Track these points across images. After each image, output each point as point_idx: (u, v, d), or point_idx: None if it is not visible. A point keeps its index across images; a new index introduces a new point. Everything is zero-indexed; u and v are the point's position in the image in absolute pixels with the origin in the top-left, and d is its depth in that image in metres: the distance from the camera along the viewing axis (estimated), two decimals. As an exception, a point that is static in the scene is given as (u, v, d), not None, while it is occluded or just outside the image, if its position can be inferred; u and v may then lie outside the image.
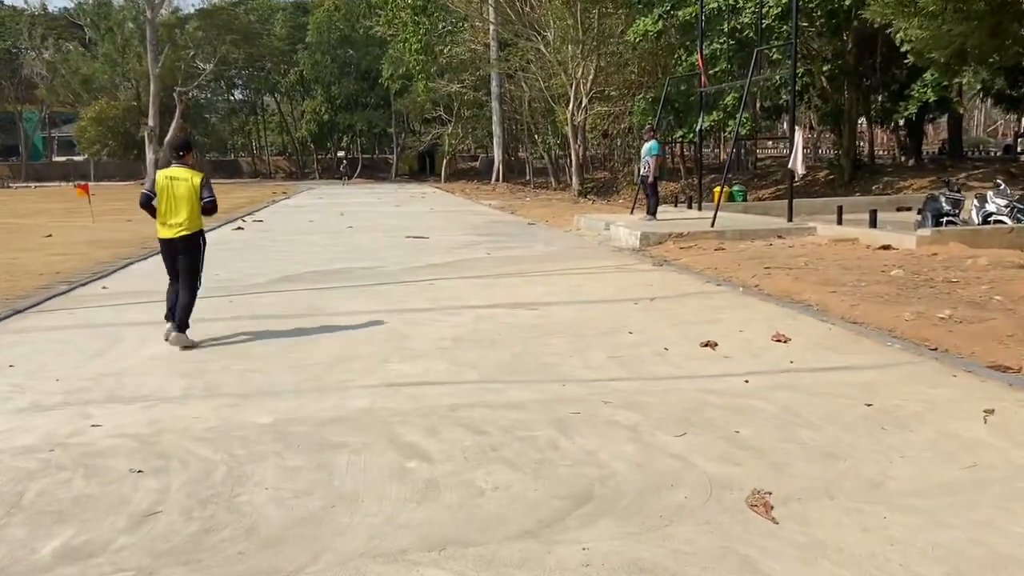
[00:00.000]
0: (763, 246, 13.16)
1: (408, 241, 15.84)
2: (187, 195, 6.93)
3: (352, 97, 68.59)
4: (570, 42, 32.42)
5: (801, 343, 6.60)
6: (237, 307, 8.76)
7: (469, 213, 24.78)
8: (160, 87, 62.42)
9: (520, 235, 16.94)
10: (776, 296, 8.84)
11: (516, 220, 21.55)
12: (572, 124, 34.34)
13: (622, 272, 11.08)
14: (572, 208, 26.01)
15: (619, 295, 9.11)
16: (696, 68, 20.56)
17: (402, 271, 11.49)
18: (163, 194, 6.96)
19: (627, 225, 15.08)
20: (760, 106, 37.39)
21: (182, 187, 6.93)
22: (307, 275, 11.29)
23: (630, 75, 38.05)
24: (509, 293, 9.38)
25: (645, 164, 16.41)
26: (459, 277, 10.76)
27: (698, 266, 11.31)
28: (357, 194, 40.03)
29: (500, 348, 6.57)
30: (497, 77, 45.70)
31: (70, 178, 71.89)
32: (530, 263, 12.16)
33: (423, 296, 9.22)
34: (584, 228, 17.55)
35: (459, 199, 34.58)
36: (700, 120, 18.70)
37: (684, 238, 13.89)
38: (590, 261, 12.34)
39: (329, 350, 6.61)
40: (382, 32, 51.75)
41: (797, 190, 34.43)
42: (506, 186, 45.77)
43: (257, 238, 17.11)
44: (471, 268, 11.67)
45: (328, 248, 14.82)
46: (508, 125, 58.33)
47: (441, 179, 58.93)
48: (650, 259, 12.37)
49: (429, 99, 53.41)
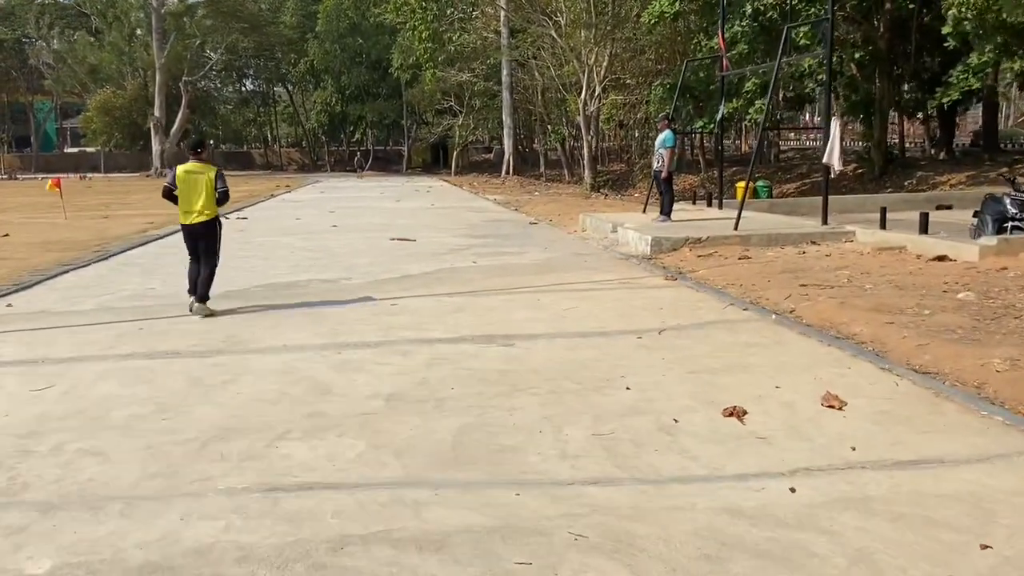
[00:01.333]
0: (795, 255, 11.29)
1: (391, 245, 14.10)
2: (203, 187, 7.93)
3: (363, 88, 66.90)
4: (582, 26, 30.49)
5: (861, 410, 4.78)
6: (141, 338, 7.04)
7: (470, 210, 23.01)
8: (167, 77, 61.03)
9: (517, 237, 15.15)
10: (818, 327, 7.00)
11: (518, 218, 19.75)
12: (584, 114, 32.43)
13: (627, 289, 9.27)
14: (582, 204, 24.17)
15: (620, 323, 7.32)
16: (717, 50, 18.64)
17: (367, 285, 9.74)
18: (182, 187, 7.96)
19: (637, 227, 13.26)
20: (783, 95, 35.22)
21: (199, 180, 7.94)
22: (255, 291, 9.58)
23: (646, 62, 36.08)
24: (484, 319, 7.61)
25: (659, 158, 14.55)
26: (431, 295, 8.99)
27: (719, 281, 9.48)
28: (361, 188, 38.38)
29: (446, 415, 4.79)
30: (508, 65, 43.84)
31: (80, 169, 70.86)
32: (519, 275, 10.38)
33: (377, 324, 7.46)
34: (589, 229, 15.74)
35: (464, 193, 32.82)
36: (721, 107, 16.78)
37: (703, 244, 12.05)
38: (590, 273, 10.53)
39: (214, 416, 4.86)
40: (391, 20, 49.99)
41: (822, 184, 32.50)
42: (517, 179, 43.95)
43: (227, 240, 15.38)
44: (449, 281, 9.91)
45: (298, 253, 13.10)
46: (520, 116, 56.45)
47: (452, 172, 57.15)
48: (662, 270, 10.54)
49: (439, 89, 51.62)
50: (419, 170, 67.57)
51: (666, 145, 14.34)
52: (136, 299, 9.12)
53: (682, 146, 31.33)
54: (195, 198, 7.95)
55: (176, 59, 62.75)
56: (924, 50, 30.39)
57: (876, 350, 6.19)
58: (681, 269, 10.56)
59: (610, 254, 12.45)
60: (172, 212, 9.20)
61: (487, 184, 41.50)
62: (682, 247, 12.02)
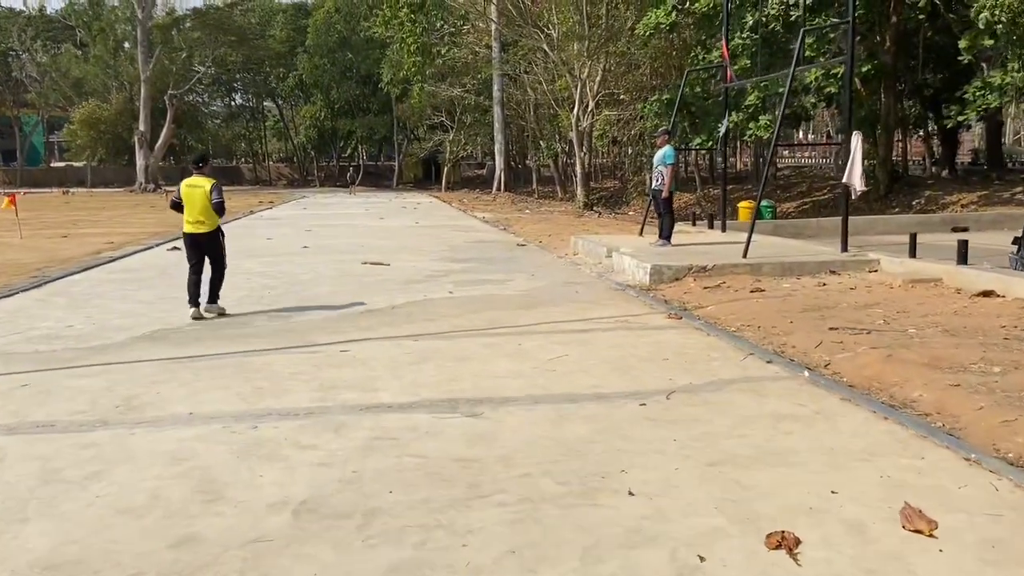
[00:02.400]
0: (815, 287, 9.92)
1: (362, 270, 12.69)
2: (202, 199, 8.55)
3: (352, 102, 65.76)
4: (575, 39, 29.28)
5: (961, 537, 3.37)
6: (17, 400, 5.59)
7: (456, 229, 21.63)
8: (152, 90, 59.68)
9: (503, 261, 13.75)
10: (865, 389, 5.62)
11: (505, 240, 18.36)
12: (577, 129, 31.19)
13: (625, 330, 7.87)
14: (574, 223, 22.84)
15: (618, 381, 5.91)
16: (721, 60, 17.37)
17: (320, 323, 8.33)
18: (185, 199, 8.61)
19: (634, 253, 11.88)
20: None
21: (198, 193, 8.55)
22: (188, 330, 8.15)
23: (641, 77, 34.90)
24: (451, 373, 6.19)
25: (658, 175, 13.20)
26: (393, 337, 7.58)
27: (732, 321, 8.09)
28: (346, 204, 37.01)
29: (373, 544, 3.35)
30: (499, 80, 42.66)
31: (67, 184, 69.35)
32: (501, 309, 8.98)
33: (315, 380, 6.03)
34: (582, 253, 14.36)
35: (452, 211, 31.46)
36: (725, 121, 15.46)
37: (709, 273, 10.68)
38: (583, 308, 9.13)
39: (40, 545, 3.38)
40: (379, 33, 48.87)
41: (825, 204, 31.23)
42: (508, 196, 42.67)
43: (181, 263, 13.99)
44: (418, 318, 8.50)
45: (254, 280, 11.68)
46: (513, 131, 55.28)
47: (443, 188, 55.85)
48: (664, 305, 9.15)
49: (429, 104, 50.44)
50: (411, 186, 66.25)
51: (666, 162, 13.00)
52: (45, 341, 7.68)
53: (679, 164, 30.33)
54: (195, 210, 8.61)
55: (162, 72, 61.46)
56: (926, 66, 29.31)
57: (948, 427, 4.80)
58: (686, 304, 9.17)
59: (604, 283, 11.06)
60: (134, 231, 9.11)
61: (477, 201, 40.18)
62: (686, 277, 10.65)
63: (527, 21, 31.81)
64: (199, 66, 64.52)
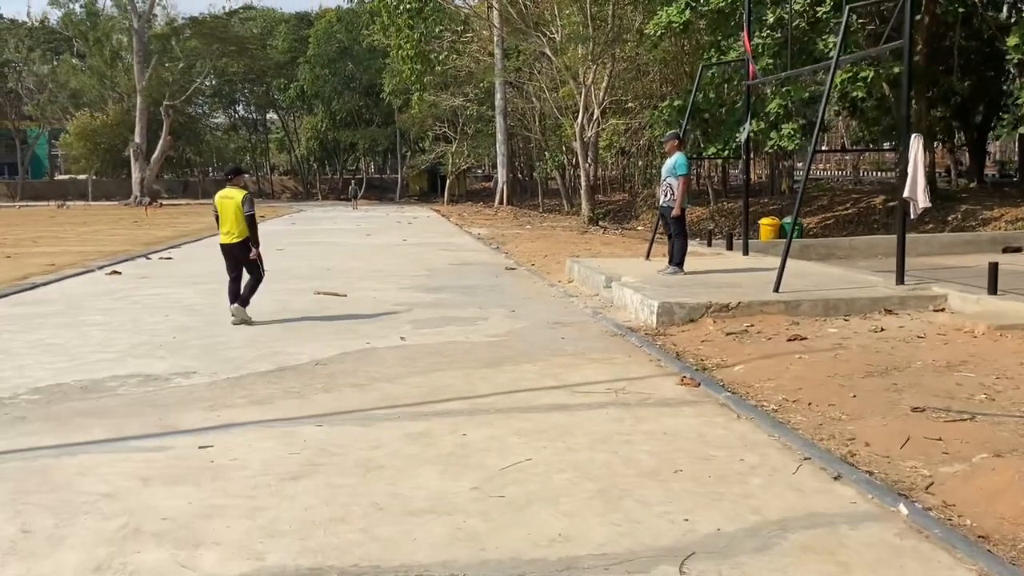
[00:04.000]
0: (870, 334, 7.63)
1: (306, 304, 10.49)
2: (234, 211, 8.91)
3: (354, 113, 63.87)
4: (579, 40, 27.12)
5: None
6: None
7: (443, 248, 19.44)
8: (148, 101, 57.94)
9: (482, 291, 11.52)
10: (1009, 549, 3.36)
11: (494, 261, 16.13)
12: (582, 139, 28.97)
13: (620, 407, 5.58)
14: (576, 241, 20.62)
15: (601, 528, 3.65)
16: (741, 54, 15.15)
17: (204, 391, 6.12)
18: (220, 211, 9.03)
19: (639, 284, 9.64)
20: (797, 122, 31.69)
21: (230, 205, 8.96)
22: (22, 402, 5.95)
23: (650, 84, 32.74)
24: (333, 505, 3.94)
25: (666, 189, 10.93)
26: (287, 419, 5.35)
27: (770, 390, 5.83)
28: (340, 219, 34.92)
29: None
30: (501, 88, 40.56)
31: (69, 196, 67.72)
32: (457, 367, 6.74)
33: (118, 514, 3.79)
34: (577, 280, 12.11)
35: (448, 226, 29.28)
36: (747, 125, 13.20)
37: (733, 313, 8.41)
38: (566, 365, 6.87)
39: None
40: (378, 41, 46.93)
41: (850, 220, 28.87)
42: (510, 210, 40.49)
43: (104, 293, 11.83)
44: (337, 384, 6.27)
45: (173, 317, 9.50)
46: (519, 142, 53.19)
47: (444, 201, 53.75)
48: (675, 361, 6.87)
49: (431, 114, 48.42)
50: (415, 199, 64.19)
51: (677, 173, 10.74)
52: None
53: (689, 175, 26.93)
54: (227, 221, 8.94)
55: (159, 83, 59.78)
56: (955, 71, 27.04)
57: None
58: (704, 359, 6.91)
59: (600, 325, 8.79)
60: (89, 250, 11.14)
61: (478, 215, 38.02)
62: (703, 317, 8.39)
63: (528, 24, 29.70)
64: (197, 77, 62.82)
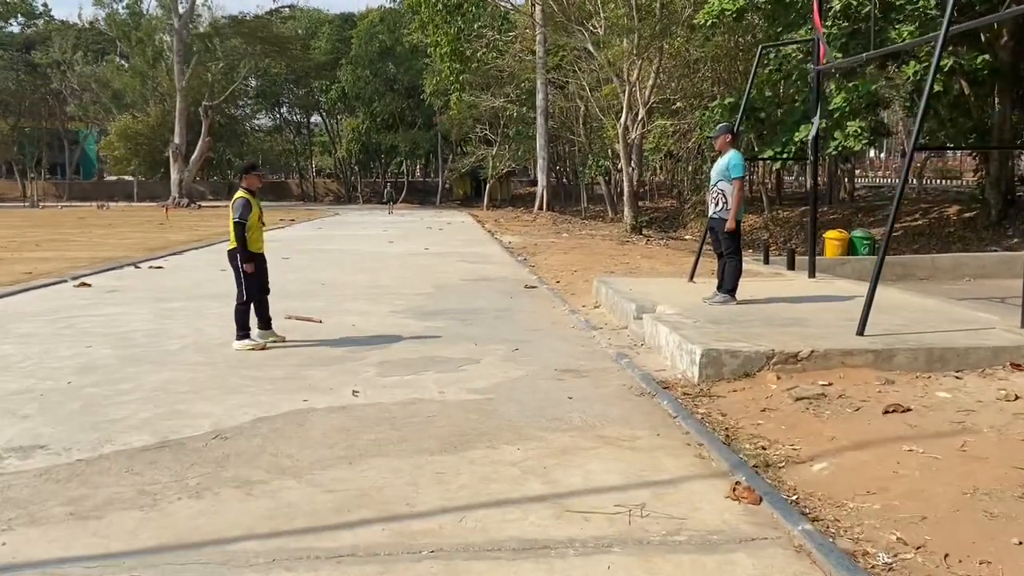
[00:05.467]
0: (1000, 405, 5.34)
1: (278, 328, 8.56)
2: (230, 215, 7.88)
3: (396, 115, 62.40)
4: (623, 32, 24.91)
5: None
6: None
7: (464, 259, 17.44)
8: (188, 102, 57.23)
9: (487, 318, 9.46)
10: None
11: (515, 277, 14.03)
12: (625, 141, 26.75)
13: (634, 555, 3.47)
14: (613, 253, 18.46)
15: None
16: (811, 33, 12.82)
17: (25, 482, 4.17)
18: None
19: (678, 318, 7.50)
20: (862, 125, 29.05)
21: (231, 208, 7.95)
22: None
23: (700, 83, 30.31)
24: None
25: (717, 195, 8.73)
26: (89, 559, 3.38)
27: (873, 522, 3.65)
28: (370, 224, 33.22)
29: None
30: (543, 88, 38.48)
31: (115, 197, 67.71)
32: (406, 453, 4.66)
33: None
34: (604, 306, 9.98)
35: (480, 233, 27.30)
36: (816, 119, 10.85)
37: (802, 365, 6.21)
38: (567, 453, 4.72)
39: None
40: (418, 40, 45.34)
41: (920, 232, 26.00)
42: (550, 216, 38.36)
43: (45, 313, 10.05)
44: (220, 481, 4.23)
45: (96, 348, 7.63)
46: (562, 145, 51.07)
47: (484, 206, 51.85)
48: (723, 448, 4.70)
49: (470, 116, 46.55)
50: (457, 203, 62.47)
51: (731, 175, 8.53)
52: None
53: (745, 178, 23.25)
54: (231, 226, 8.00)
55: (198, 83, 59.13)
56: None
57: None
58: (768, 447, 4.74)
59: (623, 375, 6.66)
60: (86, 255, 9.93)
61: (515, 221, 36.01)
62: (763, 370, 6.21)
63: (570, 18, 27.59)
64: (237, 77, 62.03)
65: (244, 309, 7.87)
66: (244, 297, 7.79)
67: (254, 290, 7.89)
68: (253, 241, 7.87)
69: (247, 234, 7.78)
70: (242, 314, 7.86)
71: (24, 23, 75.04)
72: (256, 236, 7.96)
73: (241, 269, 7.75)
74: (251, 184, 7.98)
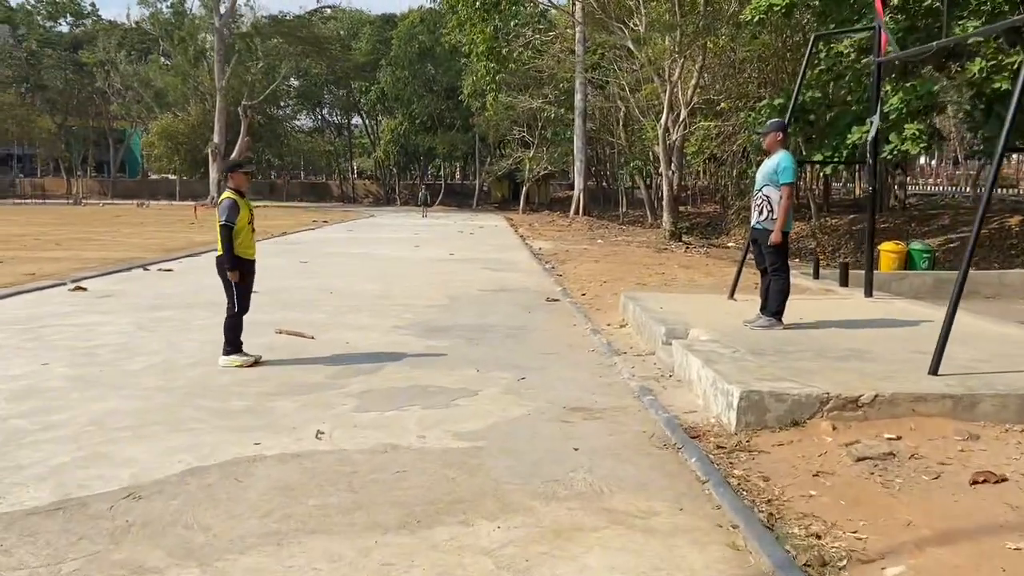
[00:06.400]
0: None
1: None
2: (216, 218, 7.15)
3: (434, 117, 61.71)
4: (665, 28, 23.72)
5: None
6: None
7: (489, 266, 16.44)
8: (228, 101, 57.24)
9: (497, 337, 8.42)
10: None
11: (538, 288, 12.97)
12: (665, 143, 25.53)
13: None
14: (649, 261, 17.35)
15: None
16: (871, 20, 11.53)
17: None
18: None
19: (714, 348, 6.39)
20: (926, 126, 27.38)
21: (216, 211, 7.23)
22: None
23: (745, 84, 28.91)
24: None
25: (762, 202, 7.56)
26: None
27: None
28: (401, 228, 32.44)
29: None
30: (582, 88, 37.38)
31: (158, 196, 68.17)
32: (353, 528, 3.63)
33: None
34: (632, 325, 8.88)
35: (511, 238, 26.30)
36: (875, 118, 9.58)
37: (863, 412, 5.06)
38: (559, 537, 3.67)
39: None
40: (457, 40, 44.49)
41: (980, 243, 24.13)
42: (587, 220, 37.22)
43: (22, 320, 9.26)
44: (93, 571, 3.32)
45: (47, 370, 6.78)
46: (600, 147, 49.85)
47: (520, 209, 50.86)
48: (767, 535, 3.62)
49: (507, 117, 45.57)
50: (495, 206, 61.61)
51: (779, 179, 7.36)
52: None
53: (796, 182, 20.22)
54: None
55: (238, 83, 59.13)
56: None
57: None
58: (824, 534, 3.61)
59: (644, 417, 5.56)
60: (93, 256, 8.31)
61: (550, 225, 34.96)
62: (814, 418, 5.08)
63: (610, 14, 26.47)
64: (277, 77, 61.93)
65: (235, 322, 7.05)
66: (235, 308, 7.04)
67: (245, 301, 7.10)
68: (242, 247, 7.03)
69: (235, 239, 6.93)
70: (232, 327, 7.04)
71: (73, 23, 76.17)
72: (246, 241, 7.08)
73: (231, 278, 6.98)
74: (238, 184, 7.15)
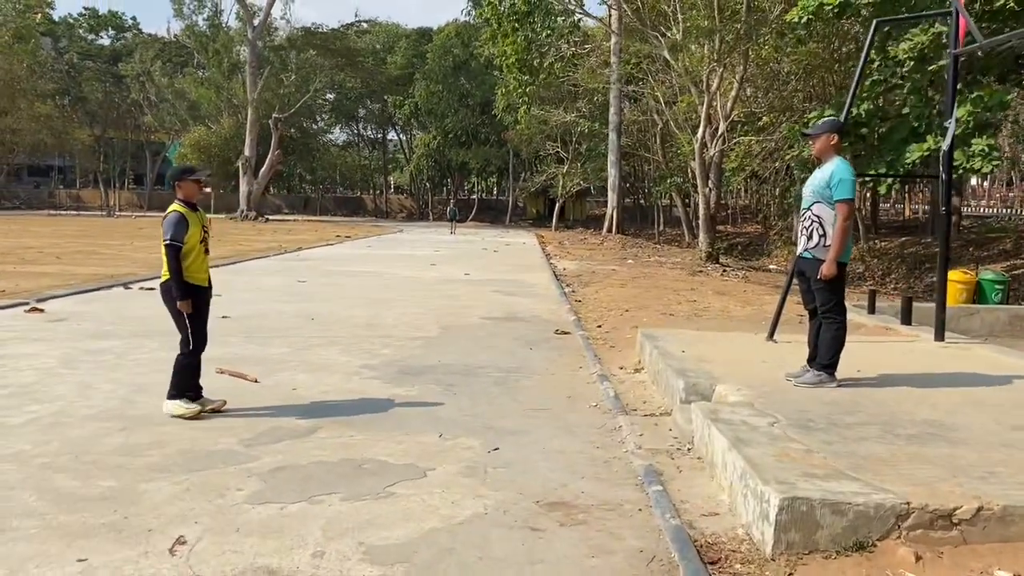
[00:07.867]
0: None
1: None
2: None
3: (468, 131, 60.68)
4: (703, 35, 22.11)
5: None
6: None
7: (502, 288, 14.93)
8: (259, 114, 56.78)
9: (482, 384, 6.87)
10: None
11: (549, 316, 11.40)
12: (702, 158, 23.86)
13: None
14: (680, 285, 15.69)
15: None
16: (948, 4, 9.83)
17: None
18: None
19: (744, 419, 4.79)
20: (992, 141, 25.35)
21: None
22: None
23: (790, 96, 27.09)
24: None
25: (811, 223, 5.91)
26: None
27: None
28: (423, 244, 31.16)
29: None
30: (616, 102, 35.86)
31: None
32: None
33: None
34: (648, 370, 7.29)
35: (535, 257, 24.77)
36: (951, 122, 7.84)
37: (960, 531, 3.46)
38: None
39: None
40: (488, 52, 43.30)
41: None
42: (619, 239, 35.57)
43: None
44: None
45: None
46: (636, 163, 48.24)
47: (553, 226, 49.39)
48: None
49: (539, 132, 44.19)
50: (529, 222, 60.31)
51: (833, 195, 5.71)
52: None
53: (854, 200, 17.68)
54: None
55: (271, 95, 58.70)
56: None
57: None
58: None
59: (642, 524, 3.93)
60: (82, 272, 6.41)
61: (581, 244, 33.40)
62: (888, 538, 3.46)
63: (646, 23, 24.94)
64: (310, 89, 61.44)
65: (188, 362, 5.69)
66: (190, 346, 5.71)
67: (201, 336, 5.74)
68: (191, 270, 5.68)
69: (183, 261, 5.59)
70: (183, 367, 5.68)
71: (114, 36, 76.82)
72: (196, 264, 5.70)
73: (180, 308, 5.62)
74: (188, 194, 5.77)
